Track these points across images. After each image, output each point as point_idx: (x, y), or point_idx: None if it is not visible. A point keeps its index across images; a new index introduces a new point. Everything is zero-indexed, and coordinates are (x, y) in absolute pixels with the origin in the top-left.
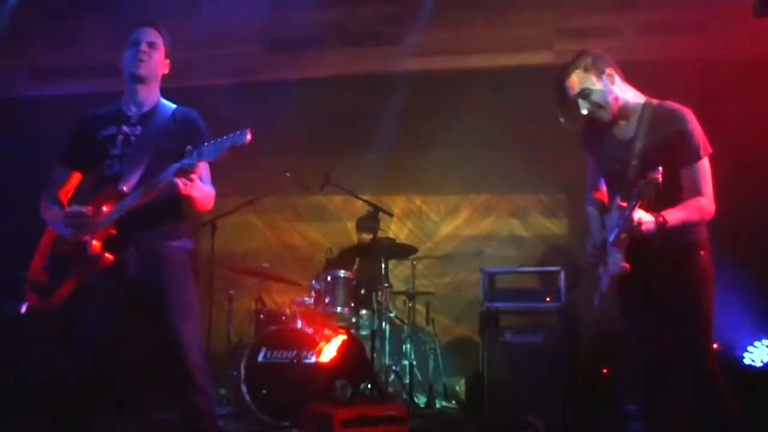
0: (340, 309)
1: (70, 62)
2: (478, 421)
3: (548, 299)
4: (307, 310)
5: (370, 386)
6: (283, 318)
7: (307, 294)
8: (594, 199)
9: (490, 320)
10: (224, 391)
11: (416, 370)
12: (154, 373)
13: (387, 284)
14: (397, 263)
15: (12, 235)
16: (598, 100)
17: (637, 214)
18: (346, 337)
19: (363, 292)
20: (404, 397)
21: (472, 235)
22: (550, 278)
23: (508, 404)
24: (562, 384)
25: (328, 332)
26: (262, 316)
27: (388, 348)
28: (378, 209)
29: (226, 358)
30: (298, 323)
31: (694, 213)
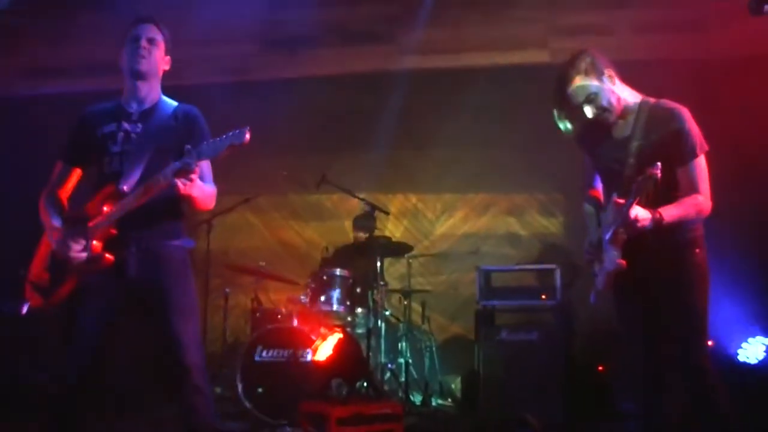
0: (336, 307)
1: (67, 61)
2: (474, 419)
3: (544, 297)
4: (303, 308)
5: (366, 384)
6: (279, 316)
7: (303, 292)
8: (590, 197)
9: (486, 318)
10: (220, 389)
11: (412, 368)
12: (154, 371)
13: (383, 282)
14: (393, 261)
15: (12, 234)
16: (604, 104)
17: (634, 210)
18: (342, 335)
19: (359, 290)
20: (400, 395)
21: (468, 234)
22: (546, 276)
23: (504, 402)
24: (558, 382)
25: (324, 330)
26: (258, 315)
27: (383, 346)
28: (374, 208)
29: (222, 356)
30: (294, 322)
31: (691, 210)
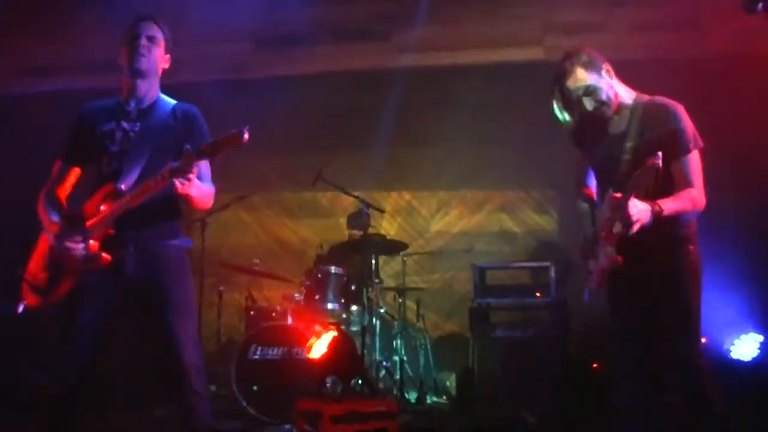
0: (331, 305)
1: (65, 59)
2: (469, 416)
3: (539, 295)
4: (297, 306)
5: (361, 382)
6: (274, 314)
7: (298, 290)
8: (585, 195)
9: (481, 315)
10: (215, 387)
11: (407, 366)
12: (152, 370)
13: (378, 280)
14: (387, 259)
15: (9, 234)
16: (603, 98)
17: (633, 203)
18: (336, 333)
19: (353, 288)
20: (395, 392)
21: (462, 231)
22: (541, 274)
23: (499, 399)
24: (553, 379)
25: (318, 328)
26: (253, 313)
27: (378, 344)
28: (369, 206)
29: (217, 354)
30: (289, 319)
31: (687, 203)
